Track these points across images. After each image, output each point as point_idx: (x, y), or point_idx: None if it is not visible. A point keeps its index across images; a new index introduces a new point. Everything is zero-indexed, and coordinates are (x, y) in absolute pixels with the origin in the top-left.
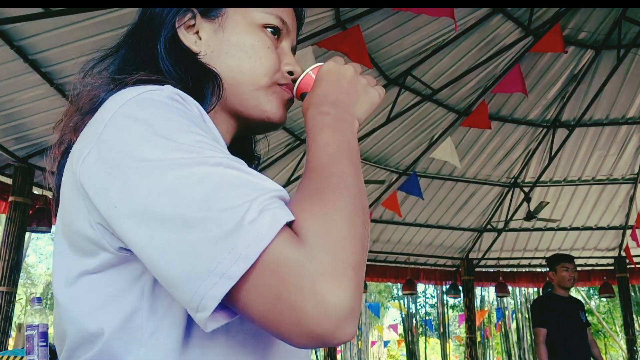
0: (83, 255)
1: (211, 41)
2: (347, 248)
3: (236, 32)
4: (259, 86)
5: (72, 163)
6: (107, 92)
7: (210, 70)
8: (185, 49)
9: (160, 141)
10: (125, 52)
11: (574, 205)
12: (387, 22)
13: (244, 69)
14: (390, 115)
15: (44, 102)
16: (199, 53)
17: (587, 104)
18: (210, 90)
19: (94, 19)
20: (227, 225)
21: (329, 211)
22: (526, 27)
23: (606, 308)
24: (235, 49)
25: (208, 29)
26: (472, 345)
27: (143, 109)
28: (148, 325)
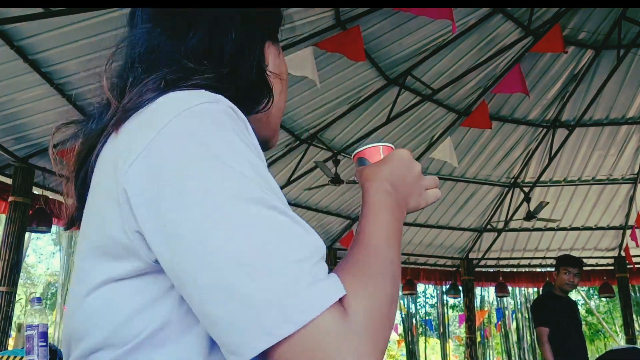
0: (112, 259)
1: (271, 63)
2: (384, 333)
3: (283, 62)
4: (280, 117)
5: (115, 165)
6: (157, 91)
7: (270, 89)
8: (264, 57)
9: (219, 166)
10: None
11: (574, 205)
12: (387, 22)
13: (283, 97)
14: (390, 115)
15: (44, 102)
16: (271, 73)
17: (587, 104)
18: (260, 106)
19: (94, 19)
20: (283, 283)
21: (378, 296)
22: (526, 27)
23: (606, 308)
24: (282, 77)
25: (273, 51)
26: (472, 345)
27: (202, 125)
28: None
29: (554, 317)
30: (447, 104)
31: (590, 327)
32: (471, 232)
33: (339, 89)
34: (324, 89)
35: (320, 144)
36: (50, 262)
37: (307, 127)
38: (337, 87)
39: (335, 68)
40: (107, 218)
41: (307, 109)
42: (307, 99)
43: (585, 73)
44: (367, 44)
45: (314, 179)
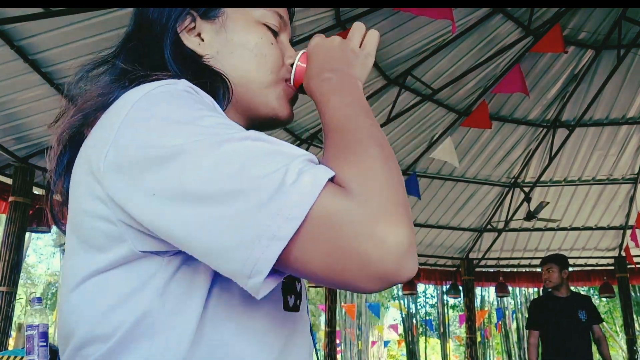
0: (96, 252)
1: (214, 42)
2: (391, 189)
3: (238, 31)
4: (267, 84)
5: (89, 160)
6: (121, 89)
7: (217, 73)
8: (190, 53)
9: (183, 128)
10: (126, 58)
11: (574, 205)
12: (387, 22)
13: (251, 68)
14: (391, 115)
15: (44, 102)
16: (204, 55)
17: (587, 104)
18: (220, 92)
19: (94, 19)
20: (269, 190)
21: (364, 160)
22: (526, 27)
23: (606, 308)
24: (240, 48)
25: (210, 30)
26: (472, 345)
27: (160, 101)
28: (159, 322)
29: (553, 317)
30: (447, 104)
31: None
32: (471, 232)
33: None
34: None
35: (321, 143)
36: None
37: (307, 127)
38: None
39: None
40: (89, 212)
41: (307, 109)
42: (306, 99)
43: (586, 73)
44: None
45: None
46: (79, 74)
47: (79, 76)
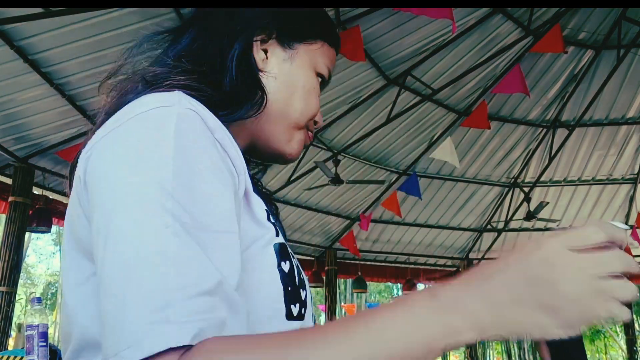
0: (84, 257)
1: (277, 67)
2: None
3: (300, 70)
4: (298, 126)
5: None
6: (135, 94)
7: (262, 89)
8: (252, 62)
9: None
10: (191, 38)
11: (574, 205)
12: (387, 22)
13: (295, 107)
14: (390, 115)
15: (44, 102)
16: (263, 71)
17: (587, 104)
18: (248, 107)
19: (94, 19)
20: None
21: None
22: (526, 27)
23: None
24: (294, 85)
25: (278, 54)
26: (472, 345)
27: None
28: None
29: None
30: (447, 104)
31: (590, 327)
32: (471, 232)
33: (339, 89)
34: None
35: (320, 144)
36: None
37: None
38: (337, 87)
39: (335, 68)
40: (74, 215)
41: None
42: None
43: (585, 73)
44: (367, 44)
45: (314, 179)
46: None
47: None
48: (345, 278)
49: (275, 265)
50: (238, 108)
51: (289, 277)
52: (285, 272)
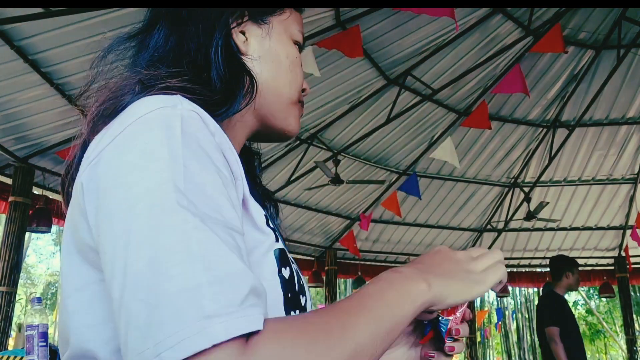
0: (90, 266)
1: (257, 46)
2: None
3: (280, 43)
4: (292, 100)
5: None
6: (132, 95)
7: (251, 75)
8: (235, 49)
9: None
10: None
11: (574, 205)
12: (387, 22)
13: (285, 82)
14: (390, 115)
15: (44, 102)
16: (246, 55)
17: (587, 104)
18: (243, 94)
19: (94, 19)
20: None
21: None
22: (526, 27)
23: (606, 308)
24: (278, 60)
25: (256, 34)
26: (472, 345)
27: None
28: None
29: (563, 317)
30: (447, 104)
31: (590, 327)
32: (471, 232)
33: (339, 89)
34: (324, 89)
35: (320, 144)
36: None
37: (306, 127)
38: (337, 87)
39: (336, 68)
40: (77, 221)
41: (307, 109)
42: (307, 99)
43: (586, 73)
44: (367, 44)
45: (314, 179)
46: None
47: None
48: (345, 278)
49: (275, 271)
50: (233, 102)
51: (289, 283)
52: (285, 279)
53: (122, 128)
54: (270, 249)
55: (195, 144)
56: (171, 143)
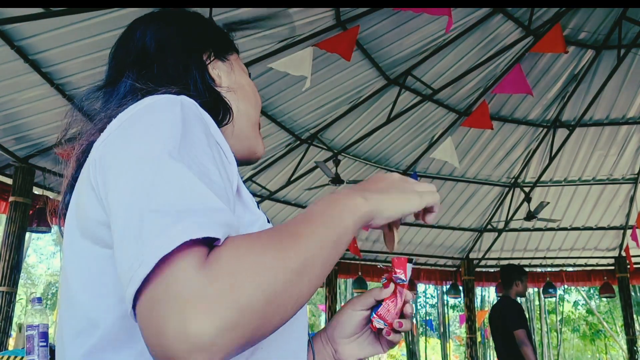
0: (95, 243)
1: (226, 79)
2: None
3: (240, 75)
4: (256, 122)
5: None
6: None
7: (225, 102)
8: (209, 81)
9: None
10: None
11: (574, 205)
12: (387, 22)
13: (251, 108)
14: (391, 115)
15: (44, 102)
16: (222, 87)
17: (587, 104)
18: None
19: (94, 19)
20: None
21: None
22: (526, 27)
23: (606, 308)
24: (243, 88)
25: (223, 69)
26: (473, 345)
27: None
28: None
29: (525, 321)
30: (447, 104)
31: (590, 327)
32: (472, 232)
33: (339, 89)
34: (324, 89)
35: (321, 144)
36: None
37: (307, 127)
38: (337, 87)
39: (336, 68)
40: (85, 202)
41: (307, 109)
42: (307, 99)
43: (586, 73)
44: (367, 44)
45: (314, 179)
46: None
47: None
48: (346, 278)
49: None
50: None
51: None
52: None
53: (130, 114)
54: (263, 228)
55: (193, 122)
56: (172, 119)
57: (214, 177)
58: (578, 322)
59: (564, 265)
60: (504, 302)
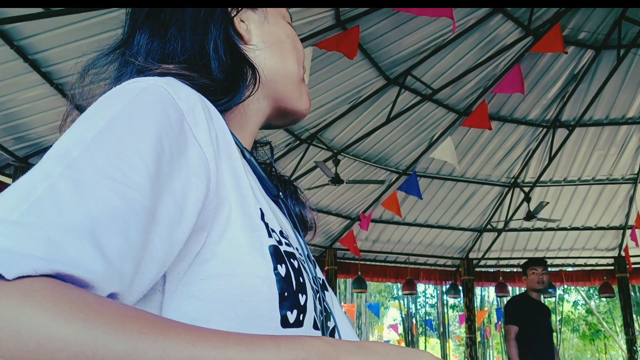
0: None
1: (259, 32)
2: None
3: (277, 25)
4: (299, 78)
5: None
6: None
7: (252, 65)
8: (235, 40)
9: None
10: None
11: (574, 205)
12: (387, 22)
13: (291, 61)
14: (390, 115)
15: (44, 102)
16: (249, 43)
17: (587, 104)
18: (245, 83)
19: (93, 19)
20: None
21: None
22: (526, 27)
23: (606, 308)
24: (280, 40)
25: (254, 20)
26: (472, 345)
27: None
28: None
29: (528, 318)
30: (447, 104)
31: (590, 327)
32: (471, 232)
33: (339, 89)
34: (324, 89)
35: (320, 144)
36: None
37: (306, 126)
38: (337, 87)
39: (336, 68)
40: None
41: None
42: None
43: (585, 73)
44: (367, 44)
45: (314, 179)
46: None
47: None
48: (345, 278)
49: (270, 269)
50: (236, 92)
51: (284, 281)
52: (281, 276)
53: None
54: (264, 245)
55: (140, 111)
56: (110, 106)
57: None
58: (577, 322)
59: (563, 265)
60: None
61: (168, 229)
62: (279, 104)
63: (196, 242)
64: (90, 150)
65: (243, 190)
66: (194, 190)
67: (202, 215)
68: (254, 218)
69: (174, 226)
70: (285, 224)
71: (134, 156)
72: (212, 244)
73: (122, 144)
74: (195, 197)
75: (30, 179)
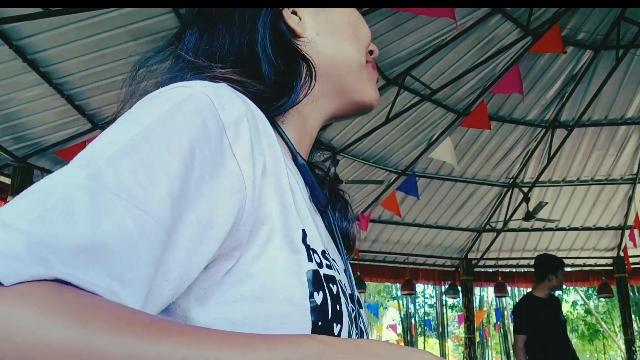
0: None
1: (313, 22)
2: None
3: (336, 10)
4: (362, 66)
5: None
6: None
7: (307, 60)
8: (284, 33)
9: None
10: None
11: (573, 205)
12: (387, 22)
13: (351, 48)
14: (389, 115)
15: (43, 101)
16: (302, 36)
17: (585, 104)
18: (299, 81)
19: (93, 19)
20: None
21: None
22: (525, 27)
23: (605, 308)
24: (339, 27)
25: (309, 10)
26: (471, 345)
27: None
28: None
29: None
30: (446, 104)
31: (589, 327)
32: (470, 232)
33: None
34: None
35: (320, 143)
36: None
37: None
38: None
39: None
40: None
41: None
42: None
43: (584, 73)
44: None
45: None
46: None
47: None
48: None
49: (306, 296)
50: (291, 94)
51: (319, 310)
52: (317, 304)
53: None
54: (302, 271)
55: (178, 122)
56: (152, 112)
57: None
58: (576, 322)
59: None
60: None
61: (186, 250)
62: (341, 99)
63: (226, 261)
64: (117, 161)
65: (286, 209)
66: (225, 209)
67: (234, 235)
68: (295, 240)
69: (194, 247)
70: (327, 239)
71: (160, 171)
72: (246, 263)
73: (151, 157)
74: (225, 218)
75: (51, 182)
